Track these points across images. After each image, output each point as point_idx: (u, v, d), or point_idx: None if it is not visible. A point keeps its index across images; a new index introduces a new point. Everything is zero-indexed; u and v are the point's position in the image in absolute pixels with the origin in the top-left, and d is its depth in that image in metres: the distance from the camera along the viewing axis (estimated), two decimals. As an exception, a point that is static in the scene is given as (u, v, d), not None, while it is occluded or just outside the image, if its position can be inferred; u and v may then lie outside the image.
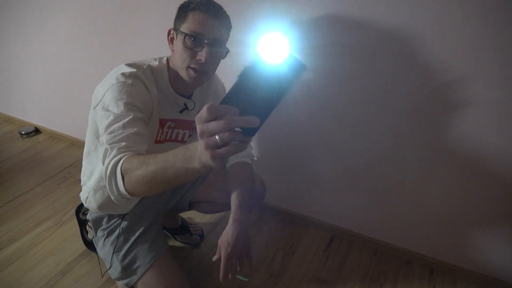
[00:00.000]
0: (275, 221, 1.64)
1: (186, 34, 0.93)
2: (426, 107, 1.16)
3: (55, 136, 2.28)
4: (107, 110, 0.89)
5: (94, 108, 0.97)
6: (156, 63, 1.04)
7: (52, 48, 1.92)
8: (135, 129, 0.84)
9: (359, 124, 1.28)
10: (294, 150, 1.48)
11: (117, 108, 0.88)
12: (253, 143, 1.50)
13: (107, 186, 0.78)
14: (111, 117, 0.86)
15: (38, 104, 2.25)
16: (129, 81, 0.93)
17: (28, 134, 2.29)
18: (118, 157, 0.77)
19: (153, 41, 1.54)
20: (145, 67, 1.00)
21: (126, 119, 0.86)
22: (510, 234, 1.22)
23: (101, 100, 0.93)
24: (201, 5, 0.93)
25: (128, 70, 0.96)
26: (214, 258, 1.07)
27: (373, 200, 1.41)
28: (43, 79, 2.09)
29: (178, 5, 0.98)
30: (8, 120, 2.47)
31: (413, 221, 1.37)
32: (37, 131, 2.34)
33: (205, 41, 0.94)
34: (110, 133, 0.84)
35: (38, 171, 1.95)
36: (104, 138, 0.85)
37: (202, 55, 0.94)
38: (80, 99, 1.98)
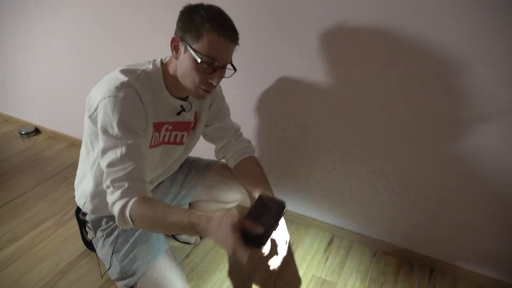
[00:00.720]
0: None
1: (200, 57, 0.91)
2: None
3: (55, 136, 2.28)
4: (101, 130, 0.91)
5: (89, 116, 0.97)
6: (150, 66, 1.00)
7: (52, 48, 1.92)
8: (134, 165, 0.89)
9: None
10: (293, 150, 1.48)
11: (111, 129, 0.90)
12: (254, 142, 1.49)
13: (117, 221, 0.90)
14: (108, 142, 0.90)
15: (38, 104, 2.25)
16: (121, 95, 0.91)
17: (28, 134, 2.29)
18: (124, 201, 0.87)
19: (154, 42, 1.54)
20: (139, 72, 0.97)
21: (124, 150, 0.89)
22: (510, 235, 1.22)
23: (95, 111, 0.94)
24: (216, 26, 0.89)
25: (121, 80, 0.92)
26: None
27: (373, 200, 1.41)
28: (43, 79, 2.09)
29: (180, 6, 0.95)
30: (8, 120, 2.48)
31: (413, 221, 1.37)
32: (37, 131, 2.34)
33: (217, 64, 0.93)
34: (109, 166, 0.89)
35: (38, 171, 1.96)
36: (103, 168, 0.90)
37: (214, 78, 0.94)
38: (80, 99, 1.96)
